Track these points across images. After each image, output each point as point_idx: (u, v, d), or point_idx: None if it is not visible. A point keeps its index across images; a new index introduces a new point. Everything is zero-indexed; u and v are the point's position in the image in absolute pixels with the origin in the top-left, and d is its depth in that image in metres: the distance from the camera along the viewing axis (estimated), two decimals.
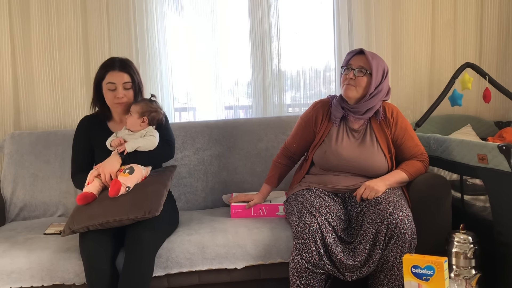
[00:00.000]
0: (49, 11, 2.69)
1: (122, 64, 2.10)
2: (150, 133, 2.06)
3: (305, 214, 1.89)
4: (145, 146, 2.02)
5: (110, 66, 2.09)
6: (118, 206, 1.83)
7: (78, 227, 1.83)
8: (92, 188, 1.92)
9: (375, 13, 2.84)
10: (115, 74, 2.07)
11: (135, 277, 1.79)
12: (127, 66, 2.11)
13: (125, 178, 1.91)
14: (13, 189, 2.50)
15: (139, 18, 2.73)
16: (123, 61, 2.12)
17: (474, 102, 2.96)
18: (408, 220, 1.81)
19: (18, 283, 1.89)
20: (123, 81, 2.08)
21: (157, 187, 1.96)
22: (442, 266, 1.50)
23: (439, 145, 2.22)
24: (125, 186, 1.89)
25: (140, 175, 1.98)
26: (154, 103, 2.13)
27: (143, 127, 2.07)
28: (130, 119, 2.06)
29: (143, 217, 1.82)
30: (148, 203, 1.84)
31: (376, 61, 1.99)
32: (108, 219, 1.80)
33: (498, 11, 2.93)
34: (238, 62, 2.90)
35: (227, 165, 2.57)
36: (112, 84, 2.07)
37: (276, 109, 2.90)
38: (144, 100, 2.12)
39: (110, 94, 2.08)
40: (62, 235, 1.89)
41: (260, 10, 2.82)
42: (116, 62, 2.11)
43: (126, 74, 2.09)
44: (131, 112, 2.07)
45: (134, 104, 2.09)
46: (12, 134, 2.59)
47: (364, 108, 2.03)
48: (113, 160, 1.97)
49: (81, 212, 1.86)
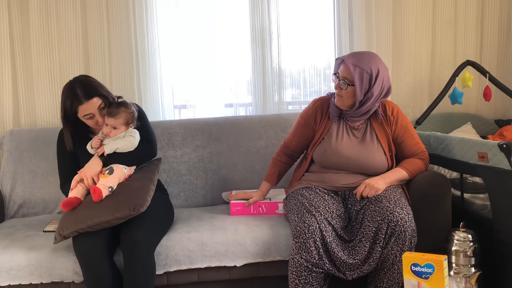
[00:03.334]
0: (49, 8, 2.68)
1: (86, 91, 1.95)
2: (129, 134, 2.01)
3: (305, 214, 1.88)
4: (124, 147, 1.98)
5: (76, 99, 1.94)
6: (103, 207, 1.82)
7: (68, 232, 1.82)
8: (76, 193, 1.91)
9: (375, 11, 2.83)
10: (86, 106, 1.95)
11: (138, 278, 1.79)
12: (90, 89, 1.97)
13: (106, 179, 1.89)
14: (12, 186, 2.49)
15: (139, 15, 2.72)
16: (84, 87, 1.96)
17: (474, 100, 2.96)
18: (408, 218, 1.81)
19: (17, 280, 1.89)
20: (96, 106, 1.97)
21: (142, 183, 1.94)
22: (441, 264, 1.50)
23: (439, 143, 2.22)
24: (107, 187, 1.87)
25: (121, 174, 1.95)
26: (129, 106, 2.03)
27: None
28: (116, 131, 1.99)
29: (129, 214, 1.81)
30: (133, 200, 1.83)
31: (359, 70, 1.91)
32: (95, 221, 1.79)
33: (499, 9, 2.92)
34: (238, 59, 2.89)
35: (227, 163, 2.57)
36: (88, 115, 1.97)
37: (276, 106, 2.90)
38: (119, 107, 2.00)
39: (90, 122, 2.01)
40: (54, 242, 1.88)
41: (261, 7, 2.81)
42: (78, 93, 1.94)
43: (95, 98, 1.96)
44: (115, 125, 1.98)
45: (113, 117, 1.97)
46: (11, 131, 2.59)
47: (358, 114, 2.01)
48: (94, 163, 1.96)
49: (68, 217, 1.85)
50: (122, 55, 2.74)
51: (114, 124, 1.99)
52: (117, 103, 2.03)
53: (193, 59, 2.86)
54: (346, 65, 1.94)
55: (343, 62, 1.98)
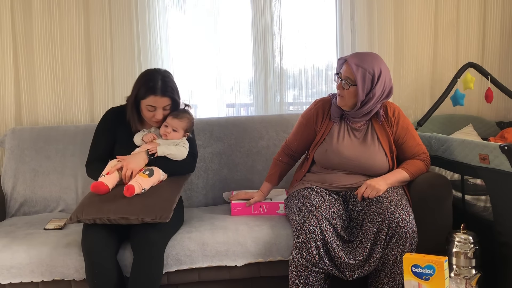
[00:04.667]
0: (51, 6, 2.68)
1: (164, 88, 2.00)
2: (182, 144, 2.05)
3: (306, 214, 1.88)
4: (176, 155, 2.02)
5: (152, 89, 1.98)
6: (131, 205, 1.82)
7: (86, 218, 1.81)
8: (109, 181, 1.90)
9: (377, 12, 2.83)
10: (157, 99, 1.99)
11: (147, 278, 1.78)
12: (169, 89, 2.01)
13: (144, 179, 1.89)
14: (13, 184, 2.50)
15: (141, 14, 2.73)
16: (165, 83, 2.01)
17: (476, 102, 2.96)
18: (409, 219, 1.81)
19: (18, 278, 1.90)
20: (164, 105, 2.02)
21: (171, 193, 1.95)
22: (442, 265, 1.50)
23: (441, 144, 2.22)
24: (142, 187, 1.87)
25: (157, 179, 1.96)
26: (192, 115, 2.10)
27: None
28: (174, 134, 2.03)
29: (153, 221, 1.81)
30: (160, 208, 1.83)
31: (362, 70, 1.91)
32: (117, 215, 1.79)
33: (501, 11, 2.92)
34: (240, 59, 2.89)
35: (228, 163, 2.57)
36: (152, 107, 2.01)
37: (277, 107, 2.90)
38: (184, 114, 2.07)
39: (148, 114, 2.04)
40: (67, 221, 1.87)
41: (263, 8, 2.81)
42: (157, 84, 1.99)
43: (167, 98, 2.01)
44: (176, 127, 2.03)
45: (179, 119, 2.04)
46: (13, 129, 2.59)
47: (360, 114, 2.02)
48: (140, 158, 1.96)
49: (92, 203, 1.84)
50: (124, 54, 2.74)
51: (176, 127, 2.03)
52: (184, 109, 2.10)
53: (195, 59, 2.86)
54: (348, 65, 1.94)
55: (345, 62, 1.98)
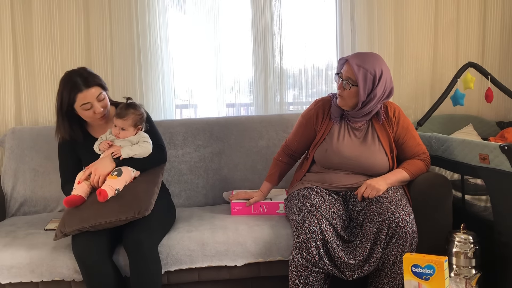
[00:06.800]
0: (51, 6, 2.68)
1: (85, 80, 1.94)
2: (143, 139, 2.01)
3: (305, 214, 1.88)
4: (141, 154, 2.00)
5: (76, 87, 1.92)
6: (108, 208, 1.82)
7: (69, 230, 1.82)
8: (80, 191, 1.90)
9: (377, 12, 2.83)
10: (85, 94, 1.93)
11: (147, 277, 1.79)
12: (90, 78, 1.96)
13: (114, 180, 1.89)
14: (13, 184, 2.50)
15: (141, 14, 2.72)
16: (83, 75, 1.95)
17: (476, 102, 2.95)
18: (409, 219, 1.81)
19: (18, 278, 1.90)
20: (96, 95, 1.95)
21: (147, 186, 1.94)
22: (442, 265, 1.50)
23: (441, 144, 2.22)
24: (114, 189, 1.86)
25: (128, 177, 1.95)
26: (138, 107, 2.03)
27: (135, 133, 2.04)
28: (125, 133, 1.99)
29: (133, 217, 1.81)
30: (138, 203, 1.84)
31: (363, 70, 1.91)
32: (98, 221, 1.80)
33: (501, 11, 2.91)
34: (240, 59, 2.89)
35: (228, 163, 2.57)
36: (86, 104, 1.95)
37: (277, 107, 2.90)
38: (128, 108, 2.00)
39: (88, 113, 1.97)
40: (54, 239, 1.88)
41: (263, 8, 2.81)
42: (78, 80, 1.93)
43: (95, 87, 1.95)
44: (123, 127, 1.98)
45: (123, 118, 1.98)
46: (13, 129, 2.59)
47: (360, 114, 2.01)
48: (107, 163, 1.95)
49: (72, 215, 1.85)
50: (124, 54, 2.74)
51: (122, 126, 1.99)
52: (126, 104, 2.02)
53: (195, 59, 2.86)
54: (350, 65, 1.94)
55: (346, 62, 1.97)
